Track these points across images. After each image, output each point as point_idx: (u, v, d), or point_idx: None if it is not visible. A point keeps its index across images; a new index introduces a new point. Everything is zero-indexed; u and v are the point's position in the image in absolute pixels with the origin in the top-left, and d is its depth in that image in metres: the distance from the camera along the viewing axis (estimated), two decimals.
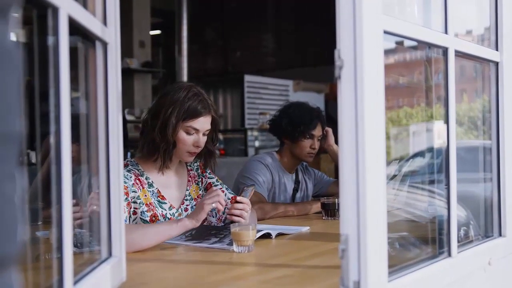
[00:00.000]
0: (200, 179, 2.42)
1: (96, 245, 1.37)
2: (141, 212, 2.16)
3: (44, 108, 1.02)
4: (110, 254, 1.37)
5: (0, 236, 0.54)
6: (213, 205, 2.00)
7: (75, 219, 1.11)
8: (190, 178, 2.39)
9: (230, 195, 2.39)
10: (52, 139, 1.01)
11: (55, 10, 0.99)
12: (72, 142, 1.04)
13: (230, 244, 1.91)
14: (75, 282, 1.08)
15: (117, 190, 1.38)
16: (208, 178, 2.44)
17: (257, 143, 7.54)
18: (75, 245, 1.12)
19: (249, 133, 7.52)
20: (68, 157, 1.01)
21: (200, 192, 2.40)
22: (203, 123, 2.22)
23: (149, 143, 2.21)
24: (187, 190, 2.36)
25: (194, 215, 2.01)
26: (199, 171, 2.43)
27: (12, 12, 0.60)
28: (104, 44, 1.34)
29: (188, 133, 2.20)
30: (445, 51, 1.52)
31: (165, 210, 2.23)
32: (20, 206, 0.58)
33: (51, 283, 1.02)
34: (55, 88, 1.00)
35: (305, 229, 2.35)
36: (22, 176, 0.60)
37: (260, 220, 2.66)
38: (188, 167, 2.41)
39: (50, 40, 1.01)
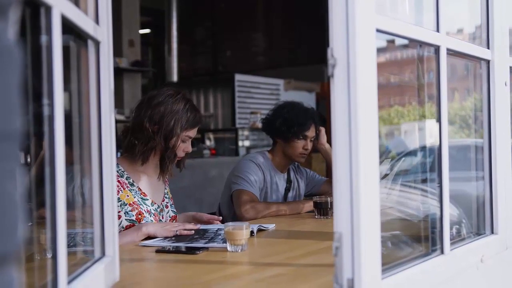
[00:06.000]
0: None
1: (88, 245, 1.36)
2: (125, 213, 2.19)
3: (36, 108, 1.01)
4: (103, 253, 1.36)
5: (2, 233, 0.55)
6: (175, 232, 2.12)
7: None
8: (166, 179, 2.46)
9: (172, 214, 2.45)
10: (45, 140, 1.00)
11: (48, 8, 0.98)
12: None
13: (225, 241, 1.90)
14: (69, 282, 1.08)
15: (110, 190, 1.38)
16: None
17: (248, 143, 7.53)
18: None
19: (240, 132, 7.51)
20: (62, 157, 1.01)
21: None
22: (196, 131, 2.35)
23: (149, 150, 2.25)
24: (166, 189, 2.45)
25: (157, 227, 2.12)
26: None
27: (12, 11, 0.60)
28: (97, 43, 1.34)
29: (183, 141, 2.29)
30: (437, 49, 1.52)
31: (148, 206, 2.29)
32: (21, 204, 0.58)
33: (44, 283, 1.02)
34: (48, 87, 0.99)
35: (271, 226, 2.37)
36: (23, 174, 0.60)
37: (253, 219, 2.67)
38: None
39: (43, 39, 1.00)
